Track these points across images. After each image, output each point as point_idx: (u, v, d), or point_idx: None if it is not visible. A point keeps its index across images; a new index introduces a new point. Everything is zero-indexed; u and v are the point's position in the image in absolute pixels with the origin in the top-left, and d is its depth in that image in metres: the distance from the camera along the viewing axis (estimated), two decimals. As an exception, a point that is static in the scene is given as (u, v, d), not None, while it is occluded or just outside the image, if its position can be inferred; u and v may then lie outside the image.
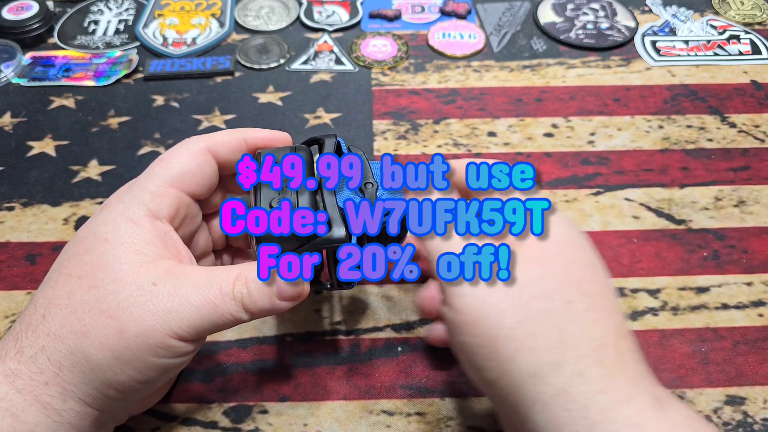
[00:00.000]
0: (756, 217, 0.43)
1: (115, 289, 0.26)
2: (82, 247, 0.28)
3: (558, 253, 0.27)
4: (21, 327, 0.27)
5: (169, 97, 0.52)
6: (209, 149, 0.31)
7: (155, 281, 0.26)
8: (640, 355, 0.26)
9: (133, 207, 0.28)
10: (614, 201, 0.44)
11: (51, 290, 0.27)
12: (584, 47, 0.56)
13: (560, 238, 0.28)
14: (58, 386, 0.26)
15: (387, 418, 0.33)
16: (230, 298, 0.27)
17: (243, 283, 0.27)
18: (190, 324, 0.26)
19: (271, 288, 0.28)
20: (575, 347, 0.25)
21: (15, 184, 0.45)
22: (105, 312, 0.26)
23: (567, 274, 0.26)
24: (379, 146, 0.47)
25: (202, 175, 0.30)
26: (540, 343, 0.25)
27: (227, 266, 0.28)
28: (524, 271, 0.26)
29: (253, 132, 0.32)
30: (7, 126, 0.49)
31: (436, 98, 0.51)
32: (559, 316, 0.25)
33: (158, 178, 0.29)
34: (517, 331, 0.25)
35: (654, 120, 0.50)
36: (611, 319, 0.26)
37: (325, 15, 0.59)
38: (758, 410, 0.34)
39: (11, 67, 0.53)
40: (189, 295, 0.26)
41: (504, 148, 0.47)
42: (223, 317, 0.27)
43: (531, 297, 0.25)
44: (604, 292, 0.27)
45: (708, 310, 0.38)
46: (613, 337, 0.25)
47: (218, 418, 0.33)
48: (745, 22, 0.59)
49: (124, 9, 0.60)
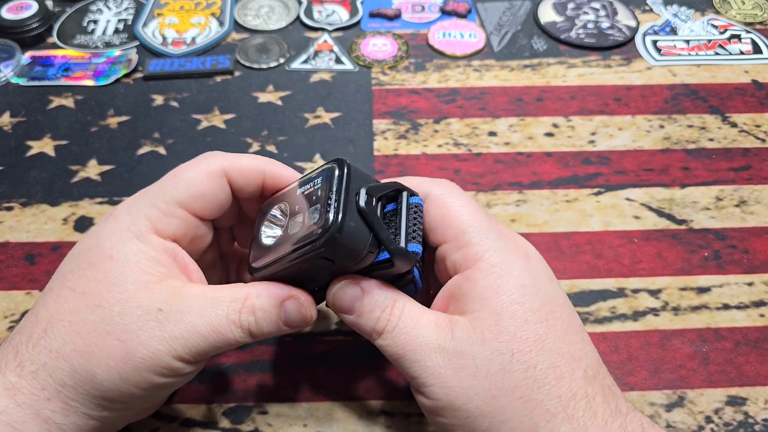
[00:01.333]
0: (757, 217, 0.43)
1: (122, 311, 0.26)
2: (86, 261, 0.28)
3: (512, 315, 0.26)
4: (21, 338, 0.27)
5: (169, 96, 0.52)
6: (226, 173, 0.29)
7: (161, 306, 0.26)
8: (611, 390, 0.27)
9: (139, 222, 0.28)
10: (615, 201, 0.44)
11: (53, 304, 0.27)
12: (585, 47, 0.56)
13: (511, 295, 0.27)
14: (61, 402, 0.26)
15: (387, 419, 0.33)
16: (236, 326, 0.27)
17: (250, 311, 0.27)
18: (196, 349, 0.27)
19: (278, 314, 0.28)
20: (543, 410, 0.25)
21: (14, 183, 0.45)
22: (111, 333, 0.26)
23: (523, 337, 0.26)
24: (379, 146, 0.47)
25: (214, 199, 0.29)
26: (509, 416, 0.25)
27: (233, 288, 0.28)
28: (482, 346, 0.26)
29: (273, 166, 0.30)
30: (6, 126, 0.49)
31: (436, 98, 0.51)
32: (522, 385, 0.25)
33: (169, 195, 0.28)
34: (485, 409, 0.25)
35: (655, 120, 0.49)
36: (578, 367, 0.26)
37: (325, 14, 0.59)
38: (759, 411, 0.33)
39: (10, 67, 0.53)
40: (195, 323, 0.26)
41: (504, 148, 0.47)
42: (227, 343, 0.27)
43: (491, 374, 0.25)
44: (566, 338, 0.27)
45: (709, 310, 0.38)
46: (581, 386, 0.26)
47: (218, 419, 0.33)
48: (746, 22, 0.58)
49: (124, 8, 0.60)
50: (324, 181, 0.27)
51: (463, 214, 0.28)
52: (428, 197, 0.29)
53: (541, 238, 0.41)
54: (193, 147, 0.47)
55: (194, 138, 0.48)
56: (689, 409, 0.34)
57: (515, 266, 0.27)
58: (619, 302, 0.38)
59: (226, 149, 0.46)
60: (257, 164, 0.30)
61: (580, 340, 0.27)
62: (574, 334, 0.27)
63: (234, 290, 0.28)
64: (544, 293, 0.27)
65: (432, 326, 0.27)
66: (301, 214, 0.27)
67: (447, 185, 0.30)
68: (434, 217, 0.29)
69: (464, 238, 0.28)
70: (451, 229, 0.28)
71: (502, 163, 0.46)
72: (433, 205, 0.29)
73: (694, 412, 0.33)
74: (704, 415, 0.33)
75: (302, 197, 0.27)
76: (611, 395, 0.26)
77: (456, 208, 0.28)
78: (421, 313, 0.27)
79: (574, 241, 0.41)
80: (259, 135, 0.48)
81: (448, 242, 0.28)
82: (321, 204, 0.26)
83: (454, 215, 0.28)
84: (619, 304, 0.38)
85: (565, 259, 0.40)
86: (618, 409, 0.26)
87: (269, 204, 0.30)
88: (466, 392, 0.26)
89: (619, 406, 0.26)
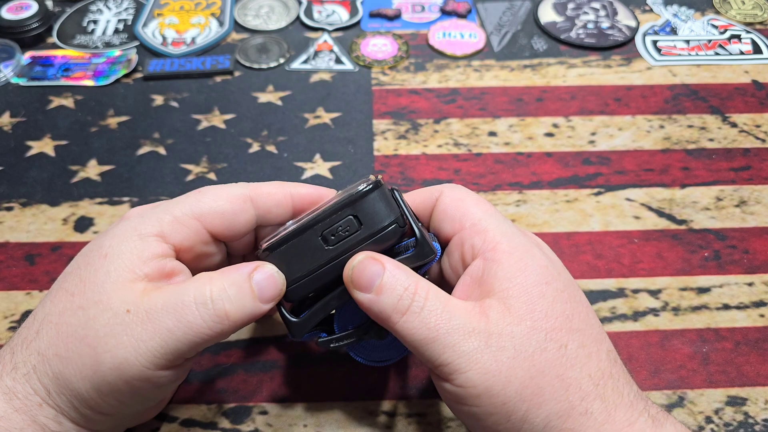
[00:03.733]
0: (757, 217, 0.43)
1: (95, 315, 0.25)
2: (84, 260, 0.27)
3: (542, 294, 0.26)
4: (18, 340, 0.26)
5: (169, 96, 0.52)
6: (252, 198, 0.29)
7: (129, 308, 0.25)
8: (629, 375, 0.27)
9: (147, 222, 0.27)
10: (615, 201, 0.44)
11: (49, 304, 0.27)
12: (585, 47, 0.56)
13: (538, 274, 0.27)
14: (51, 408, 0.26)
15: (387, 419, 0.33)
16: (205, 309, 0.25)
17: (220, 289, 0.26)
18: (165, 350, 0.25)
19: (250, 287, 0.26)
20: (578, 389, 0.25)
21: (14, 184, 0.45)
22: (84, 339, 0.25)
23: (554, 315, 0.26)
24: (379, 146, 0.47)
25: (233, 219, 0.28)
26: (546, 397, 0.25)
27: (200, 275, 0.27)
28: (518, 325, 0.25)
29: (300, 188, 0.30)
30: (6, 126, 0.49)
31: (436, 98, 0.51)
32: (557, 364, 0.25)
33: (187, 206, 0.28)
34: (524, 393, 0.25)
35: (655, 120, 0.49)
36: (601, 348, 0.27)
37: (325, 14, 0.59)
38: (759, 411, 0.33)
39: (10, 67, 0.53)
40: (161, 318, 0.24)
41: (504, 148, 0.47)
42: (198, 333, 0.25)
43: (529, 355, 0.25)
44: (588, 320, 0.27)
45: (709, 310, 0.38)
46: (607, 366, 0.26)
47: (218, 419, 0.33)
48: (746, 22, 0.58)
49: (124, 8, 0.60)
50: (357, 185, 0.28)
51: (477, 206, 0.29)
52: (441, 195, 0.30)
53: (541, 238, 0.41)
54: (192, 147, 0.47)
55: (194, 138, 0.48)
56: (689, 409, 0.34)
57: (535, 249, 0.28)
58: (619, 302, 0.38)
59: (226, 149, 0.47)
60: (283, 188, 0.30)
61: (598, 324, 0.28)
62: (594, 317, 0.28)
63: (201, 276, 0.26)
64: (564, 276, 0.28)
65: (462, 309, 0.26)
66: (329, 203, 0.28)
67: (458, 187, 0.30)
68: (450, 207, 0.29)
69: (481, 224, 0.28)
70: (468, 216, 0.28)
71: (502, 164, 0.46)
72: (447, 198, 0.29)
73: (694, 412, 0.33)
74: (704, 415, 0.33)
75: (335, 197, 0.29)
76: (630, 378, 0.27)
77: (470, 201, 0.29)
78: (449, 296, 0.26)
79: (574, 241, 0.41)
80: (259, 135, 0.48)
81: (465, 229, 0.28)
82: (352, 187, 0.27)
83: (468, 206, 0.29)
84: (619, 305, 0.38)
85: (565, 260, 0.40)
86: (638, 392, 0.27)
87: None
88: (506, 375, 0.25)
89: (639, 390, 0.27)
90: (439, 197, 0.30)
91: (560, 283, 0.27)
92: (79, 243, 0.41)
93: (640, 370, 0.35)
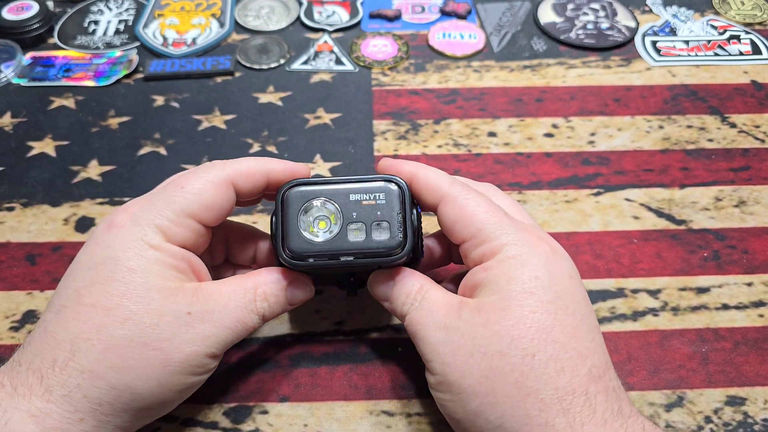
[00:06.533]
0: (756, 218, 0.43)
1: (153, 322, 0.27)
2: (102, 275, 0.27)
3: (520, 303, 0.27)
4: (44, 363, 0.26)
5: (169, 97, 0.52)
6: (232, 181, 0.30)
7: (189, 310, 0.28)
8: (616, 392, 0.27)
9: (150, 233, 0.28)
10: (614, 201, 0.44)
11: (73, 323, 0.27)
12: (584, 47, 0.56)
13: (523, 284, 0.27)
14: (94, 420, 0.26)
15: (387, 419, 0.33)
16: (254, 313, 0.29)
17: (263, 298, 0.30)
18: (224, 342, 0.29)
19: (285, 297, 0.31)
20: (537, 399, 0.25)
21: (15, 184, 0.45)
22: (147, 345, 0.27)
23: (527, 325, 0.26)
24: (379, 146, 0.47)
25: (220, 208, 0.30)
26: (500, 398, 0.26)
27: (241, 279, 0.30)
28: (484, 327, 0.27)
29: (275, 164, 0.31)
30: (7, 126, 0.49)
31: (436, 98, 0.51)
32: (517, 371, 0.26)
33: (178, 206, 0.29)
34: (477, 389, 0.26)
35: (654, 120, 0.49)
36: (582, 363, 0.26)
37: (325, 15, 0.59)
38: (758, 411, 0.34)
39: (11, 67, 0.53)
40: (221, 318, 0.28)
41: (504, 148, 0.47)
42: (248, 330, 0.29)
43: (487, 356, 0.26)
44: (576, 334, 0.27)
45: (708, 310, 0.38)
46: (583, 383, 0.26)
47: (218, 419, 0.33)
48: (746, 22, 0.59)
49: (124, 9, 0.60)
50: (389, 200, 0.29)
51: (478, 213, 0.29)
52: (443, 199, 0.30)
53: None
54: (193, 147, 0.48)
55: (195, 138, 0.48)
56: (689, 409, 0.34)
57: (533, 259, 0.28)
58: (618, 302, 0.38)
59: (227, 150, 0.47)
60: (260, 166, 0.31)
61: (590, 339, 0.27)
62: (585, 332, 0.27)
63: (243, 281, 0.30)
64: (559, 288, 0.28)
65: (444, 307, 0.28)
66: (360, 224, 0.29)
67: (461, 186, 0.30)
68: (451, 218, 0.30)
69: (481, 235, 0.29)
70: (468, 228, 0.29)
71: (501, 164, 0.46)
72: (448, 206, 0.30)
73: (694, 412, 0.34)
74: (704, 415, 0.33)
75: (359, 205, 0.29)
76: (615, 396, 0.26)
77: (471, 207, 0.29)
78: (442, 296, 0.29)
79: (573, 241, 0.41)
80: (260, 135, 0.48)
81: (467, 241, 0.29)
82: (390, 224, 0.29)
83: (469, 215, 0.29)
84: (618, 305, 0.38)
85: (565, 260, 0.40)
86: (621, 410, 0.26)
87: (300, 196, 0.30)
88: (461, 369, 0.27)
89: (623, 408, 0.26)
90: (442, 201, 0.30)
91: (549, 295, 0.27)
92: (80, 243, 0.41)
93: (640, 370, 0.35)
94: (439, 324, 0.28)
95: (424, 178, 0.30)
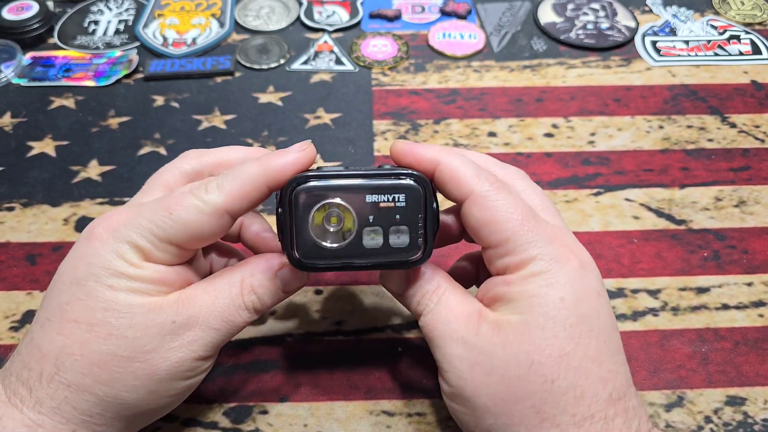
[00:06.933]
0: (756, 218, 0.43)
1: (136, 335, 0.26)
2: (83, 291, 0.27)
3: (542, 326, 0.26)
4: (31, 376, 0.26)
5: (169, 97, 0.52)
6: (227, 210, 0.27)
7: (174, 319, 0.27)
8: (635, 411, 0.26)
9: (130, 252, 0.27)
10: (614, 201, 0.44)
11: (58, 338, 0.26)
12: (584, 47, 0.56)
13: (546, 307, 0.26)
14: (88, 430, 0.26)
15: (387, 419, 0.33)
16: (243, 309, 0.28)
17: (251, 290, 0.28)
18: (213, 344, 0.28)
19: (276, 284, 0.29)
20: (553, 424, 0.25)
21: (15, 184, 0.45)
22: (132, 358, 0.26)
23: (548, 351, 0.25)
24: (379, 146, 0.47)
25: (211, 236, 0.28)
26: (516, 421, 0.25)
27: (225, 274, 0.29)
28: (503, 349, 0.26)
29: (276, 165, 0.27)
30: (7, 126, 0.49)
31: (436, 98, 0.51)
32: (536, 396, 0.25)
33: (161, 231, 0.27)
34: (493, 408, 0.26)
35: (654, 120, 0.49)
36: (603, 389, 0.26)
37: (325, 15, 0.59)
38: (758, 411, 0.34)
39: (11, 67, 0.53)
40: (207, 321, 0.27)
41: (504, 148, 0.47)
42: (238, 327, 0.28)
43: (505, 378, 0.25)
44: (599, 359, 0.26)
45: (708, 310, 0.38)
46: (602, 408, 0.25)
47: (218, 419, 0.33)
48: (746, 22, 0.59)
49: (124, 9, 0.60)
50: (410, 203, 0.27)
51: (508, 220, 0.27)
52: (471, 197, 0.27)
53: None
54: (193, 147, 0.47)
55: (195, 138, 0.48)
56: (688, 409, 0.34)
57: (559, 277, 0.26)
58: (618, 302, 0.38)
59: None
60: (259, 178, 0.27)
61: (613, 362, 0.26)
62: (608, 355, 0.26)
63: (229, 276, 0.29)
64: (585, 309, 0.26)
65: (462, 317, 0.27)
66: (377, 228, 0.27)
67: (489, 182, 0.27)
68: (479, 221, 0.27)
69: (508, 246, 0.27)
70: (495, 235, 0.27)
71: (501, 164, 0.46)
72: (476, 206, 0.27)
73: (694, 412, 0.34)
74: (703, 415, 0.33)
75: (377, 208, 0.27)
76: (633, 416, 0.26)
77: (501, 212, 0.27)
78: (459, 302, 0.28)
79: (573, 241, 0.41)
80: (260, 135, 0.48)
81: (493, 248, 0.27)
82: (410, 229, 0.27)
83: (498, 220, 0.27)
84: (618, 304, 0.38)
85: (565, 260, 0.40)
86: (638, 430, 0.26)
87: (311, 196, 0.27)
88: (477, 387, 0.26)
89: (640, 428, 0.26)
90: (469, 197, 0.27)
91: (573, 318, 0.26)
92: (80, 243, 0.41)
93: (640, 370, 0.35)
94: (457, 336, 0.27)
95: (448, 168, 0.28)
